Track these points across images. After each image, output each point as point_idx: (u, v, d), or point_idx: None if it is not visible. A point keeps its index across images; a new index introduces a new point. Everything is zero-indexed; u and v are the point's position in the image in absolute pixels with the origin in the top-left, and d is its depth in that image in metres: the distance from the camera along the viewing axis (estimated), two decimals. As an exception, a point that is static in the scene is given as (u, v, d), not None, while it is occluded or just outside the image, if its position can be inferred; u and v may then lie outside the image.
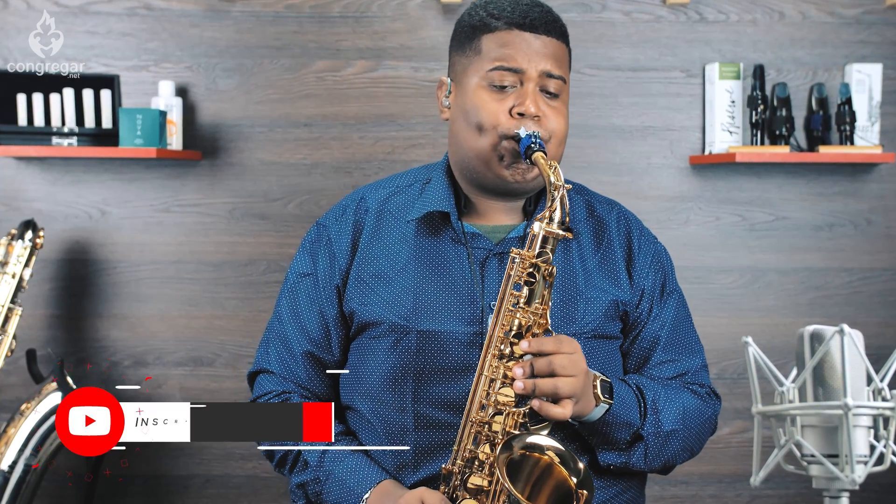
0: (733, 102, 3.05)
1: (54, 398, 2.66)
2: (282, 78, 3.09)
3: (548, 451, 1.61)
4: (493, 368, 1.64)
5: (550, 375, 1.60)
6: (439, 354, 1.75)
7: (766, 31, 3.12)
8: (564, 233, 1.65)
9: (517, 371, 1.60)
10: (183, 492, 3.11)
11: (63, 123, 3.00)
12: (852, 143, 3.03)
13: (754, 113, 3.04)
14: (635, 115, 3.12)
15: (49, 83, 2.99)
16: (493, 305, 1.72)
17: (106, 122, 3.02)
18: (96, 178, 3.08)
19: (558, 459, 1.60)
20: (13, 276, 2.75)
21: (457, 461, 1.65)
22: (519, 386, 1.60)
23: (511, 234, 1.81)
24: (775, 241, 3.13)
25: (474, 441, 1.65)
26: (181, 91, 3.07)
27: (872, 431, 1.46)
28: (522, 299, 1.65)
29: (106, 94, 3.01)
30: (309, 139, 3.10)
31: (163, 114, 2.96)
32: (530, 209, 1.84)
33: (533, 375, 1.60)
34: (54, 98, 2.99)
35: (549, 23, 1.77)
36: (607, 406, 1.70)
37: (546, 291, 1.64)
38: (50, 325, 3.08)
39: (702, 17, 3.11)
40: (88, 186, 3.08)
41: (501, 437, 1.62)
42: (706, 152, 3.10)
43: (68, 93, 3.00)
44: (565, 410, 1.61)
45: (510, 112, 1.74)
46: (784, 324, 3.10)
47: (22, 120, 2.99)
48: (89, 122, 3.01)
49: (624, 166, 3.12)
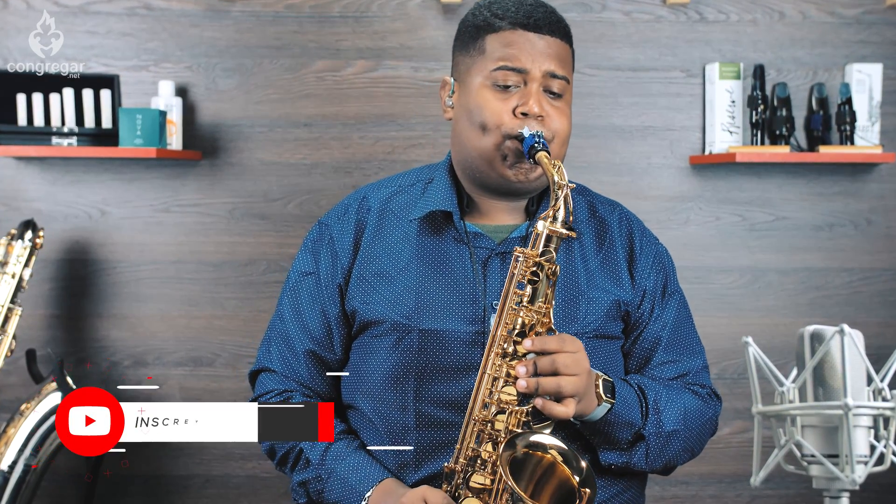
0: (733, 102, 3.05)
1: (54, 398, 2.66)
2: (282, 78, 3.09)
3: (551, 450, 1.60)
4: (497, 367, 1.64)
5: (553, 374, 1.60)
6: (441, 353, 1.75)
7: (767, 31, 3.12)
8: (568, 232, 1.65)
9: (520, 369, 1.61)
10: (183, 492, 3.11)
11: (63, 123, 2.99)
12: (852, 143, 3.03)
13: (754, 113, 3.04)
14: (635, 115, 3.12)
15: (49, 83, 2.99)
16: (496, 305, 1.73)
17: (106, 122, 3.02)
18: (96, 178, 3.08)
19: (561, 458, 1.60)
20: (13, 276, 2.75)
21: (459, 459, 1.65)
22: (522, 384, 1.60)
23: (513, 234, 1.81)
24: (775, 241, 3.13)
25: (477, 439, 1.64)
26: (181, 91, 3.07)
27: (872, 431, 1.46)
28: (526, 298, 1.65)
29: (106, 94, 3.01)
30: (309, 139, 3.10)
31: (163, 114, 2.96)
32: (533, 209, 1.84)
33: (536, 374, 1.60)
34: (54, 98, 2.99)
35: (553, 23, 1.78)
36: (609, 405, 1.70)
37: (549, 290, 1.65)
38: (50, 325, 3.08)
39: (702, 17, 3.11)
40: (88, 186, 3.08)
41: (504, 436, 1.62)
42: (706, 152, 3.10)
43: (68, 93, 3.00)
44: (568, 409, 1.61)
45: (514, 112, 1.74)
46: (784, 324, 3.10)
47: (22, 120, 2.99)
48: (89, 122, 3.01)
49: (624, 166, 3.12)
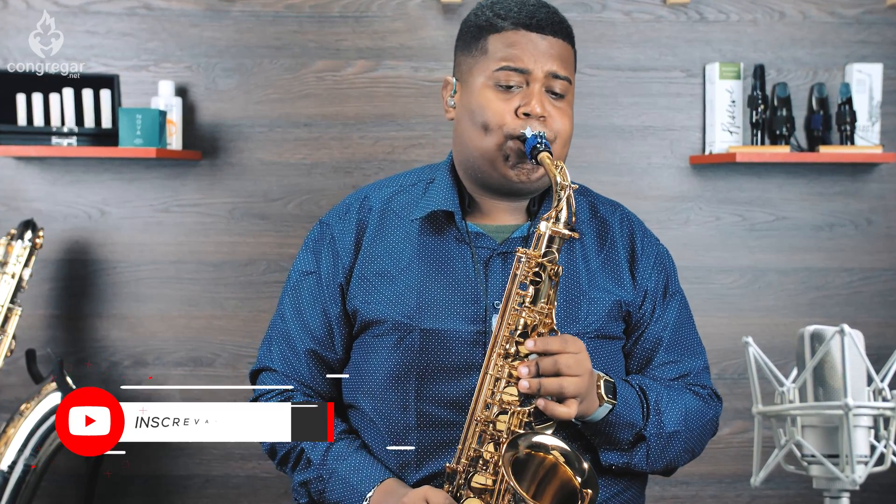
0: (734, 102, 3.05)
1: (54, 398, 2.66)
2: (282, 78, 3.09)
3: (553, 451, 1.60)
4: (499, 367, 1.64)
5: (556, 375, 1.60)
6: (442, 353, 1.75)
7: (767, 31, 3.12)
8: (570, 233, 1.65)
9: (522, 370, 1.61)
10: (183, 492, 3.11)
11: (63, 123, 2.99)
12: (853, 143, 3.02)
13: (755, 113, 3.04)
14: (635, 115, 3.12)
15: (49, 83, 2.98)
16: (497, 305, 1.74)
17: (106, 122, 3.02)
18: (96, 178, 3.08)
19: (563, 459, 1.60)
20: (13, 276, 2.74)
21: (461, 460, 1.65)
22: (524, 385, 1.60)
23: (515, 234, 1.81)
24: (775, 241, 3.13)
25: (479, 440, 1.65)
26: (181, 91, 3.07)
27: (873, 432, 1.46)
28: (528, 298, 1.65)
29: (106, 94, 3.01)
30: (309, 139, 3.10)
31: (162, 114, 2.96)
32: (534, 209, 1.84)
33: (538, 375, 1.60)
34: (54, 98, 2.99)
35: (556, 24, 1.77)
36: (611, 406, 1.70)
37: (552, 291, 1.65)
38: (49, 325, 3.08)
39: (702, 17, 3.11)
40: (88, 186, 3.08)
41: (506, 437, 1.62)
42: (706, 152, 3.10)
43: (68, 93, 2.99)
44: (570, 410, 1.61)
45: (516, 112, 1.74)
46: (784, 324, 3.09)
47: (21, 120, 2.99)
48: (89, 122, 3.01)
49: (624, 166, 3.11)
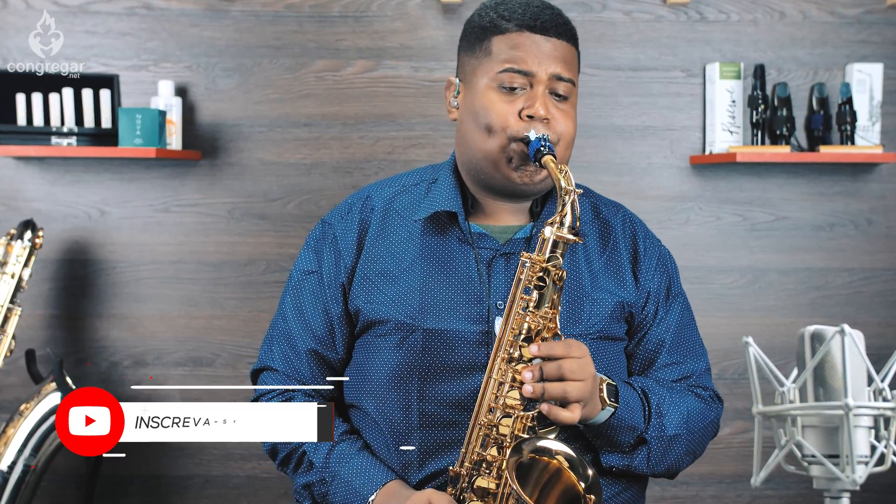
0: (734, 102, 3.05)
1: (53, 398, 2.65)
2: (281, 78, 3.09)
3: (557, 456, 1.61)
4: (502, 372, 1.64)
5: (559, 380, 1.60)
6: (445, 353, 1.75)
7: (767, 31, 3.11)
8: (575, 238, 1.65)
9: (526, 375, 1.61)
10: (183, 492, 3.11)
11: (62, 123, 2.99)
12: (853, 143, 3.02)
13: (755, 113, 3.04)
14: (635, 115, 3.11)
15: (48, 83, 2.98)
16: (500, 305, 1.74)
17: (105, 122, 3.01)
18: (96, 178, 3.08)
19: (567, 464, 1.60)
20: (12, 276, 2.74)
21: (465, 463, 1.66)
22: (528, 390, 1.60)
23: (518, 235, 1.81)
24: (776, 241, 3.13)
25: (482, 444, 1.65)
26: (181, 91, 3.06)
27: (873, 432, 1.46)
28: (532, 303, 1.65)
29: (105, 94, 3.01)
30: (309, 139, 3.09)
31: (162, 113, 2.96)
32: (537, 210, 1.84)
33: (542, 379, 1.61)
34: (53, 98, 2.99)
35: (560, 25, 1.77)
36: (613, 410, 1.70)
37: (556, 296, 1.65)
38: (49, 325, 3.08)
39: (702, 17, 3.11)
40: (88, 186, 3.08)
41: (510, 441, 1.62)
42: (707, 152, 3.10)
43: (67, 92, 2.99)
44: (573, 414, 1.61)
45: (519, 114, 1.74)
46: (785, 324, 3.09)
47: (21, 120, 2.99)
48: (89, 122, 3.00)
49: (624, 166, 3.11)
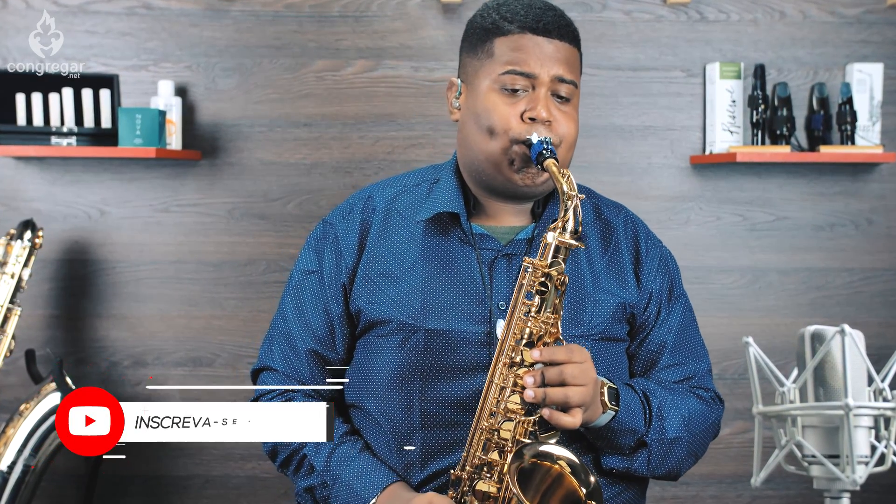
0: (734, 102, 3.05)
1: (53, 398, 2.65)
2: (281, 77, 3.09)
3: (559, 461, 1.60)
4: (504, 376, 1.64)
5: (561, 385, 1.60)
6: (447, 353, 1.75)
7: (767, 31, 3.11)
8: (577, 243, 1.65)
9: (528, 380, 1.61)
10: (183, 492, 3.10)
11: (62, 123, 2.99)
12: (853, 143, 3.02)
13: (755, 112, 3.04)
14: (636, 115, 3.11)
15: (48, 83, 2.98)
16: (502, 306, 1.74)
17: (105, 122, 3.01)
18: (95, 178, 3.07)
19: (569, 470, 1.60)
20: (12, 276, 2.74)
21: (466, 467, 1.66)
22: (530, 395, 1.60)
23: (519, 236, 1.81)
24: (776, 241, 3.13)
25: (484, 448, 1.65)
26: (180, 91, 3.06)
27: (873, 432, 1.45)
28: (534, 308, 1.65)
29: (105, 94, 3.01)
30: (309, 139, 3.09)
31: (162, 113, 2.96)
32: (539, 211, 1.84)
33: (544, 384, 1.60)
34: (53, 98, 2.98)
35: (562, 27, 1.77)
36: (613, 413, 1.70)
37: (558, 301, 1.65)
38: (49, 325, 3.08)
39: (702, 17, 3.10)
40: (87, 186, 3.08)
41: (511, 445, 1.62)
42: (707, 152, 3.10)
43: (67, 92, 2.99)
44: (575, 420, 1.61)
45: (521, 116, 1.73)
46: (785, 324, 3.09)
47: (21, 120, 2.98)
48: (88, 122, 3.00)
49: (624, 166, 3.11)
